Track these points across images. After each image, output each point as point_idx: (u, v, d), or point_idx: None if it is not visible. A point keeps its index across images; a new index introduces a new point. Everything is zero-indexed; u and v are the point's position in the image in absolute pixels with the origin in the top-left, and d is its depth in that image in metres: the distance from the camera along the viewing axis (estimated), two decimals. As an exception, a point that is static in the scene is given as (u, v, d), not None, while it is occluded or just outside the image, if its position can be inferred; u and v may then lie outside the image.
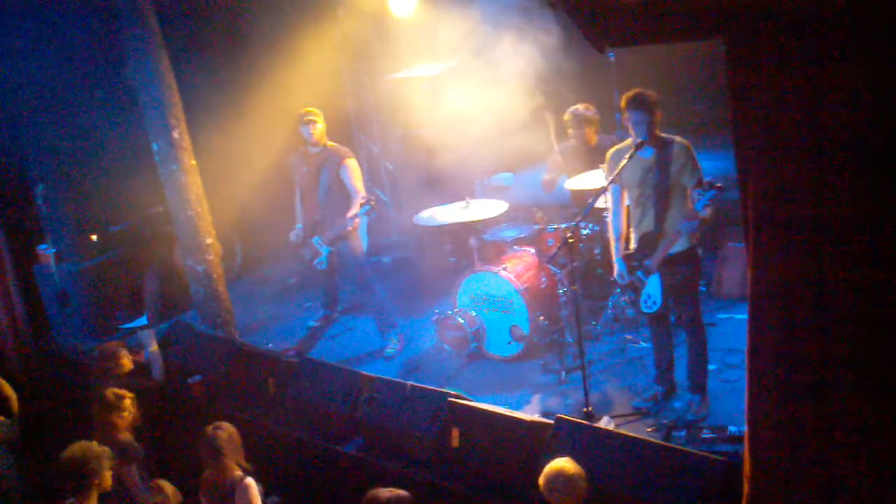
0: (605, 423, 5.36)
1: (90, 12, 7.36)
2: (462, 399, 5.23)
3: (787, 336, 3.04)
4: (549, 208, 7.20)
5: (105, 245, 8.44)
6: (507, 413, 5.03)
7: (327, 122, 7.03)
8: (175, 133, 7.15)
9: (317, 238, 7.04)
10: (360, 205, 6.75)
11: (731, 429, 5.01)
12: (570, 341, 6.41)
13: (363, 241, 7.17)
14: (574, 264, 5.86)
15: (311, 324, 7.74)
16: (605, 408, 5.72)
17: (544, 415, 5.45)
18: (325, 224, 7.03)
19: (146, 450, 5.33)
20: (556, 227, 6.76)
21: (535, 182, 7.50)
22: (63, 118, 7.76)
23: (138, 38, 6.94)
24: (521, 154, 8.95)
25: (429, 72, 8.53)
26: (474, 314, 6.70)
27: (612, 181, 5.48)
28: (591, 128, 6.98)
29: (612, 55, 8.45)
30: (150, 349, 6.45)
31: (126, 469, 5.02)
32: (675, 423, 5.36)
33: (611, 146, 6.13)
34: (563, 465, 3.93)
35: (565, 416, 4.84)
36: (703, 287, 6.72)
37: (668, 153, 5.26)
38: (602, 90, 8.46)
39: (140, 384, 6.00)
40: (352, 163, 7.02)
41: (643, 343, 6.43)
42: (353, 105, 9.53)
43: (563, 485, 3.86)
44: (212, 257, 7.49)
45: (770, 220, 2.98)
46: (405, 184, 9.11)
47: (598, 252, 6.76)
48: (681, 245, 5.30)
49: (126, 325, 8.34)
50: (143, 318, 8.30)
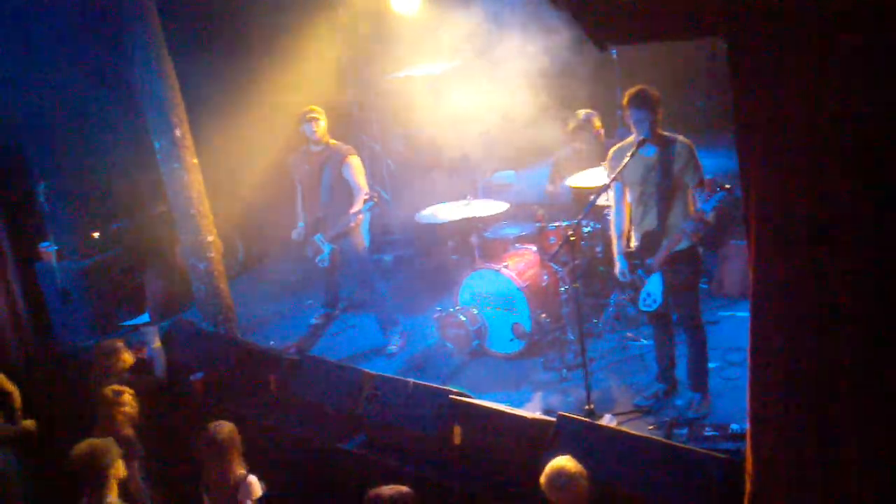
0: (606, 420, 5.37)
1: (93, 11, 7.36)
2: (464, 396, 5.23)
3: (788, 334, 3.04)
4: (550, 206, 7.20)
5: (107, 243, 8.44)
6: (508, 411, 5.02)
7: (329, 120, 7.03)
8: (177, 131, 7.16)
9: (319, 236, 7.04)
10: (364, 201, 6.76)
11: (733, 426, 5.01)
12: (572, 339, 6.42)
13: (365, 239, 7.18)
14: (575, 262, 5.87)
15: (313, 321, 7.73)
16: (606, 405, 5.74)
17: (546, 412, 5.44)
18: (327, 222, 7.03)
19: (147, 447, 5.32)
20: (557, 224, 6.76)
21: (537, 180, 7.52)
22: (65, 117, 7.76)
23: (141, 36, 6.96)
24: (523, 152, 8.98)
25: (431, 70, 8.54)
26: (476, 312, 6.70)
27: (614, 179, 5.49)
28: (599, 137, 7.01)
29: (614, 53, 8.46)
30: (152, 346, 6.45)
31: (127, 465, 5.01)
32: (677, 420, 5.37)
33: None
34: (565, 463, 3.92)
35: (567, 414, 4.82)
36: (705, 285, 6.74)
37: (671, 152, 5.27)
38: (604, 88, 8.47)
39: (142, 382, 6.00)
40: (354, 160, 7.01)
41: (644, 341, 6.44)
42: (354, 104, 9.54)
43: (564, 483, 3.86)
44: (213, 255, 7.50)
45: (771, 219, 2.98)
46: (407, 182, 9.12)
47: (599, 250, 6.76)
48: (681, 244, 5.30)
49: (127, 323, 8.35)
50: (145, 316, 8.31)
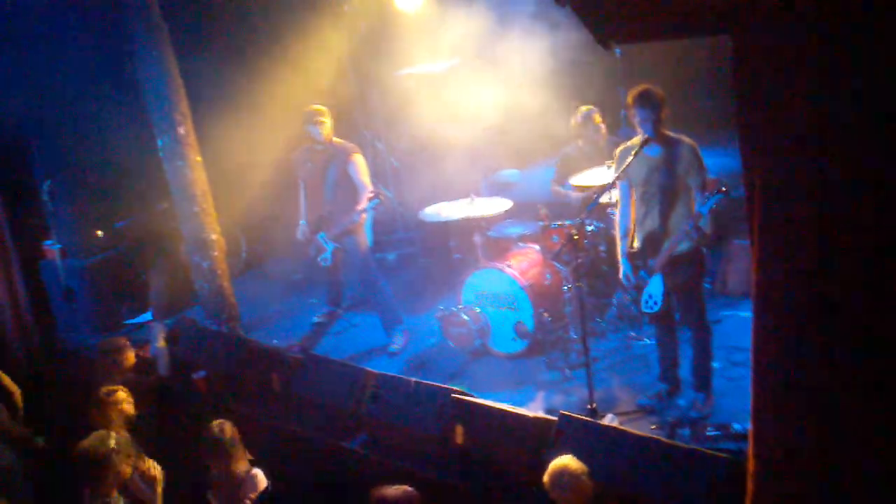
0: (609, 420, 5.36)
1: (96, 8, 7.36)
2: (466, 395, 5.23)
3: (791, 334, 3.03)
4: (554, 205, 7.19)
5: (110, 241, 8.45)
6: (511, 410, 5.02)
7: (333, 118, 7.01)
8: (181, 129, 7.17)
9: (322, 234, 7.04)
10: (368, 199, 6.76)
11: (736, 426, 5.01)
12: (575, 338, 6.41)
13: (368, 238, 7.17)
14: (579, 261, 5.85)
15: (316, 320, 7.74)
16: (609, 405, 5.72)
17: (548, 412, 5.44)
18: (331, 220, 7.02)
19: (150, 445, 5.32)
20: (560, 223, 6.75)
21: (541, 179, 7.51)
22: (69, 115, 7.76)
23: (144, 33, 6.97)
24: (527, 151, 8.98)
25: (435, 68, 8.53)
26: (479, 311, 6.69)
27: (618, 178, 5.48)
28: (600, 133, 6.99)
29: (618, 51, 8.45)
30: (156, 344, 6.46)
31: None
32: (680, 420, 5.36)
33: (616, 148, 6.08)
34: (568, 462, 3.93)
35: (569, 413, 4.83)
36: (709, 284, 6.72)
37: (675, 153, 5.25)
38: (607, 87, 8.46)
39: (145, 379, 6.01)
40: (359, 158, 7.01)
41: (647, 340, 6.42)
42: (359, 101, 9.53)
43: (567, 482, 3.86)
44: (216, 253, 7.51)
45: (775, 218, 2.97)
46: (410, 180, 9.11)
47: (602, 249, 6.75)
48: (682, 246, 5.28)
49: (131, 321, 8.37)
50: (148, 314, 8.32)
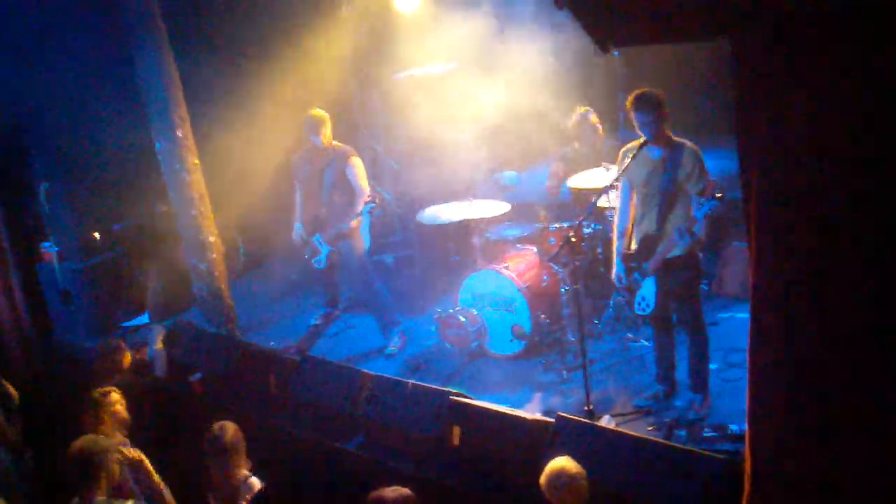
0: (606, 421, 5.37)
1: (95, 10, 7.36)
2: (463, 397, 5.24)
3: (788, 335, 3.04)
4: (551, 207, 7.21)
5: (108, 243, 8.45)
6: (508, 412, 5.03)
7: (332, 120, 7.01)
8: (179, 132, 7.17)
9: (317, 237, 7.04)
10: (365, 202, 6.76)
11: (733, 427, 5.02)
12: (572, 340, 6.42)
13: (366, 240, 7.17)
14: (576, 263, 5.87)
15: (313, 322, 7.73)
16: (606, 406, 5.73)
17: (545, 413, 5.44)
18: (327, 223, 7.03)
19: (147, 448, 5.32)
20: (558, 225, 6.76)
21: (539, 181, 7.51)
22: (67, 117, 7.76)
23: (143, 36, 6.97)
24: (525, 153, 8.98)
25: (434, 71, 8.54)
26: (476, 312, 6.70)
27: (617, 179, 5.50)
28: (596, 133, 6.99)
29: (616, 54, 8.46)
30: (153, 347, 6.46)
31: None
32: (677, 421, 5.36)
33: (614, 150, 6.07)
34: (565, 464, 3.92)
35: (566, 415, 4.84)
36: (706, 286, 6.73)
37: (677, 157, 5.24)
38: (607, 90, 8.48)
39: (142, 381, 6.00)
40: (357, 161, 7.01)
41: (644, 342, 6.43)
42: (357, 104, 9.53)
43: (565, 484, 3.86)
44: (214, 255, 7.51)
45: (772, 220, 2.98)
46: (409, 182, 9.12)
47: (600, 251, 6.75)
48: (679, 249, 5.29)
49: (128, 323, 8.36)
50: (146, 316, 8.32)
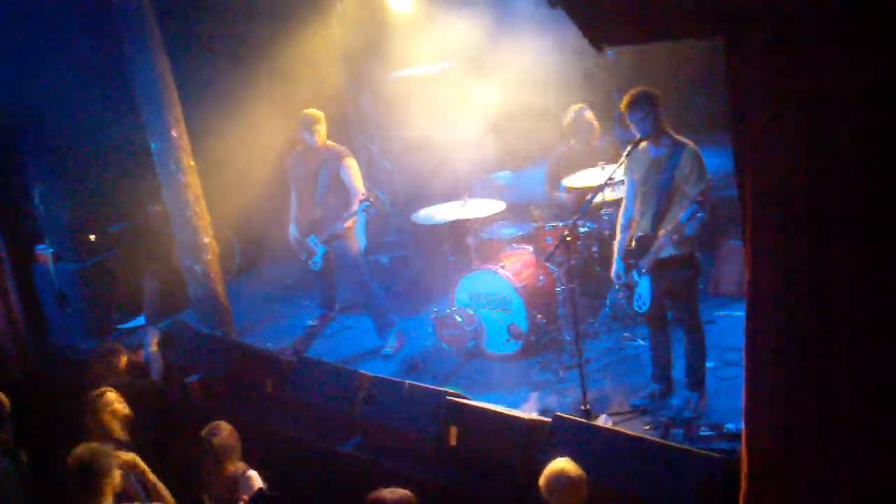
0: (602, 421, 5.37)
1: (90, 11, 7.34)
2: (460, 398, 5.23)
3: (784, 334, 3.04)
4: (547, 206, 7.21)
5: (103, 245, 8.43)
6: (504, 411, 5.02)
7: (326, 121, 7.00)
8: (174, 133, 7.15)
9: (313, 237, 7.03)
10: (359, 202, 6.76)
11: (729, 426, 5.02)
12: (568, 339, 6.42)
13: (361, 241, 7.17)
14: (572, 262, 5.87)
15: (309, 323, 7.72)
16: (602, 406, 5.73)
17: (542, 413, 5.45)
18: (322, 223, 7.02)
19: (145, 450, 5.30)
20: (554, 225, 6.76)
21: (534, 180, 7.51)
22: (62, 118, 7.74)
23: (137, 37, 6.95)
24: (520, 153, 8.98)
25: (428, 71, 8.53)
26: (472, 312, 6.69)
27: (612, 176, 5.53)
28: (592, 130, 6.99)
29: (610, 53, 8.45)
30: (149, 349, 6.44)
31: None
32: (673, 420, 5.37)
33: (610, 147, 6.09)
34: (564, 465, 3.90)
35: (563, 415, 4.83)
36: (702, 285, 6.72)
37: (677, 157, 5.24)
38: (600, 89, 8.47)
39: (138, 383, 5.99)
40: (351, 162, 7.00)
41: (641, 341, 6.43)
42: (352, 104, 9.52)
43: (564, 486, 3.83)
44: (210, 257, 7.50)
45: (768, 219, 2.98)
46: (403, 183, 9.11)
47: (595, 250, 6.75)
48: (673, 249, 5.28)
49: (124, 325, 8.34)
50: (141, 318, 8.30)
